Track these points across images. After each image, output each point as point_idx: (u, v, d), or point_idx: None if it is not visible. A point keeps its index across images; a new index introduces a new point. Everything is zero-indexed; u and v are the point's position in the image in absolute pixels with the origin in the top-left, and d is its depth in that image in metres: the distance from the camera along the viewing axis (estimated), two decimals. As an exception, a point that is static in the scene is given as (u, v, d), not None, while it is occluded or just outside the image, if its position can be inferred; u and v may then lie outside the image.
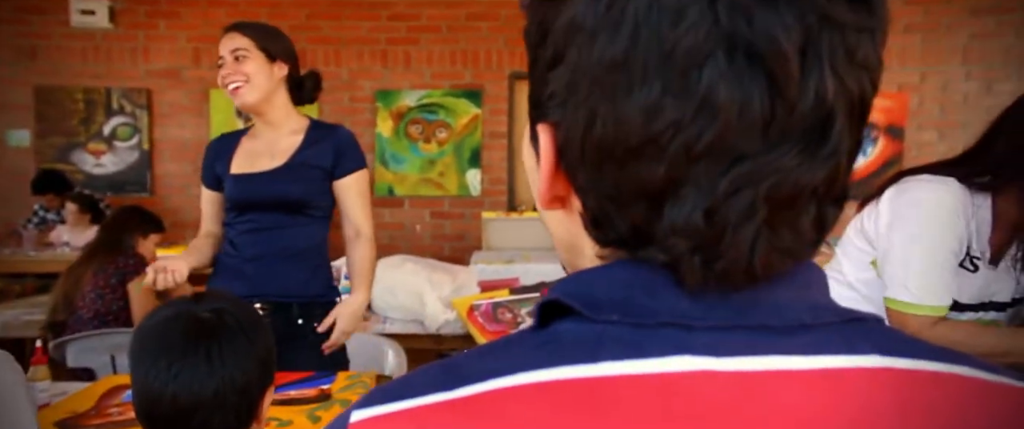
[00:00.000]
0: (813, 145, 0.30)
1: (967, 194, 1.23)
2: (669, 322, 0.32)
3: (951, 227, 1.23)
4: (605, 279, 0.34)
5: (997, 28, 4.88)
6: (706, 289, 0.32)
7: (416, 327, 2.37)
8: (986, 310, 1.31)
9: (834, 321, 0.34)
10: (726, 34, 0.29)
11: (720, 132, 0.29)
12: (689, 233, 0.31)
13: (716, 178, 0.30)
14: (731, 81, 0.29)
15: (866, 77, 0.31)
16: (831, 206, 0.33)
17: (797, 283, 0.34)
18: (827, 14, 0.29)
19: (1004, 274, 1.28)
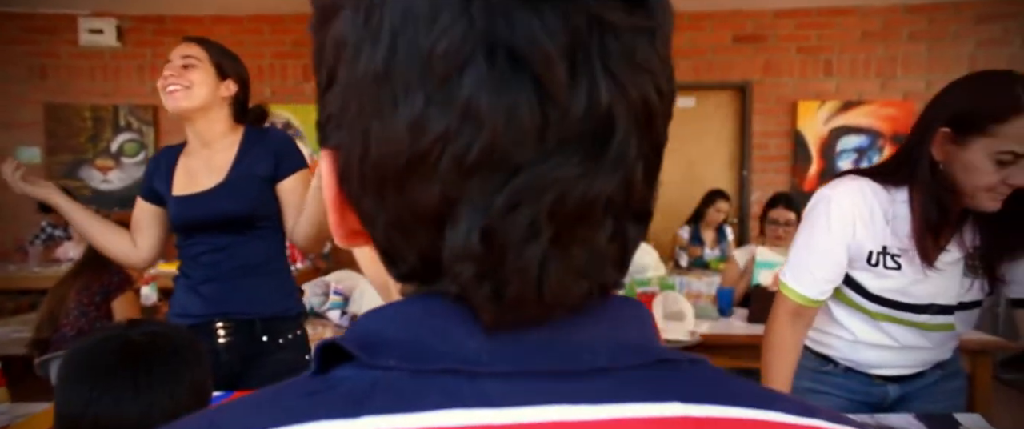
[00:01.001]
0: (595, 153, 0.28)
1: (882, 195, 1.24)
2: (451, 368, 0.29)
3: (840, 227, 1.25)
4: (397, 317, 0.32)
5: (1003, 35, 4.81)
6: (501, 325, 0.30)
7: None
8: (931, 313, 1.29)
9: (640, 364, 0.31)
10: (484, 37, 0.27)
11: (489, 142, 0.27)
12: (470, 257, 0.28)
13: (492, 194, 0.28)
14: (494, 87, 0.27)
15: (648, 81, 0.29)
16: (632, 223, 0.31)
17: (605, 320, 0.32)
18: (597, 15, 0.28)
19: (950, 276, 1.26)
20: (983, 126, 1.10)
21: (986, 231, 1.22)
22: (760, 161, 5.11)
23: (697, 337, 2.42)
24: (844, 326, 1.38)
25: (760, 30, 5.02)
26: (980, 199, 1.15)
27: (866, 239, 1.26)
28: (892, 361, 1.37)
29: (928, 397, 1.39)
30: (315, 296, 2.55)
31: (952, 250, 1.25)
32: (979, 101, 1.11)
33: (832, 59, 5.00)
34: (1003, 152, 1.09)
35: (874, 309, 1.32)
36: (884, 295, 1.30)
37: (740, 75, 5.05)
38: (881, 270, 1.27)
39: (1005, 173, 1.10)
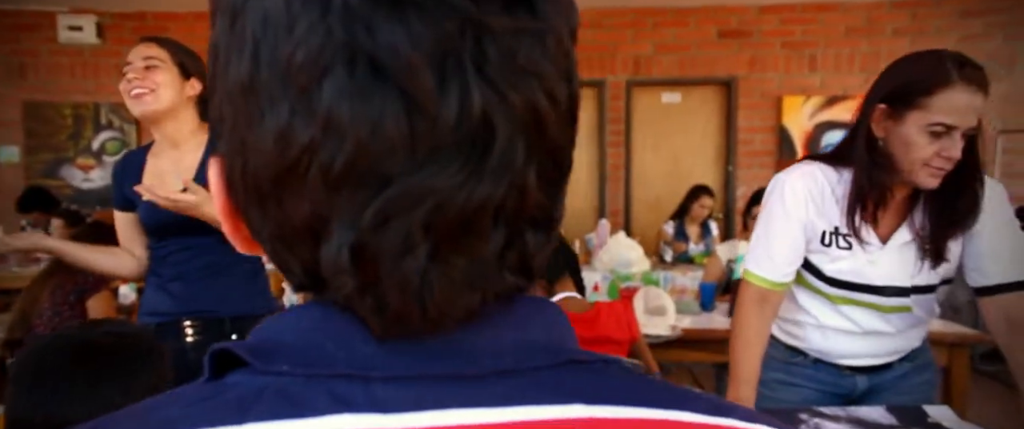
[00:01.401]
0: (475, 160, 0.27)
1: (833, 176, 1.28)
2: (345, 373, 0.29)
3: (789, 213, 1.30)
4: (296, 322, 0.31)
5: (985, 30, 4.84)
6: (392, 335, 0.29)
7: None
8: (886, 294, 1.30)
9: (546, 366, 0.31)
10: (343, 46, 0.26)
11: (353, 154, 0.26)
12: (344, 273, 0.28)
13: (361, 208, 0.27)
14: (356, 97, 0.26)
15: (535, 84, 0.28)
16: (532, 230, 0.30)
17: (512, 322, 0.31)
18: (472, 19, 0.27)
19: (903, 258, 1.28)
20: (915, 99, 1.14)
21: (933, 212, 1.25)
22: (745, 156, 5.12)
23: (678, 331, 2.42)
24: (808, 312, 1.39)
25: (745, 25, 5.03)
26: (919, 175, 1.18)
27: (818, 220, 1.30)
28: (859, 349, 1.37)
29: (897, 389, 1.40)
30: (295, 293, 2.54)
31: (903, 232, 1.28)
32: (911, 76, 1.16)
33: (817, 54, 5.02)
34: (934, 124, 1.13)
35: (832, 292, 1.34)
36: (840, 277, 1.32)
37: (725, 70, 5.06)
38: (834, 251, 1.30)
39: (939, 145, 1.14)
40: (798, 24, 5.01)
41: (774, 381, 1.44)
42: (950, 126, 1.12)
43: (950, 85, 1.12)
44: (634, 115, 5.16)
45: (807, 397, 1.40)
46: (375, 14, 0.26)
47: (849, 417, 1.23)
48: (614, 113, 5.12)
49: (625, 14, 5.01)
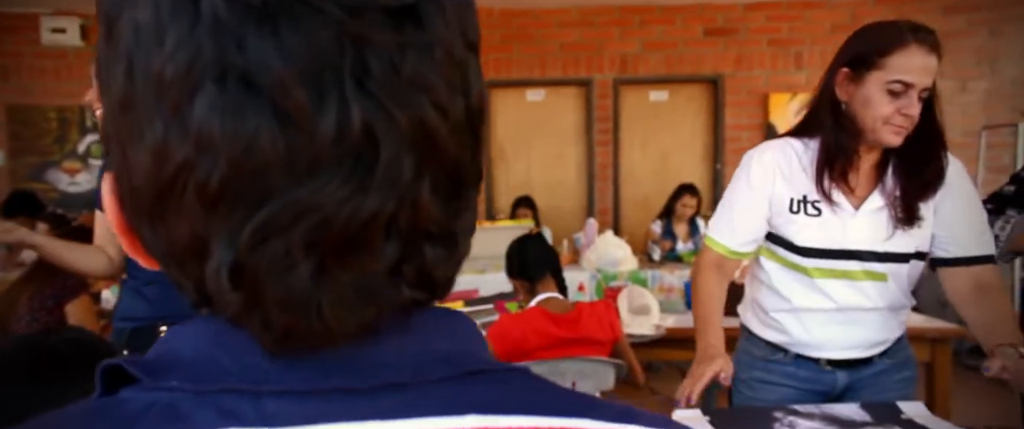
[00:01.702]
0: (359, 176, 0.27)
1: (799, 147, 1.35)
2: (235, 388, 0.29)
3: (753, 185, 1.36)
4: (194, 335, 0.31)
5: (968, 27, 4.87)
6: (284, 351, 0.29)
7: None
8: (861, 259, 1.33)
9: (445, 377, 0.31)
10: (213, 62, 0.25)
11: (228, 172, 0.26)
12: (225, 293, 0.27)
13: (239, 227, 0.26)
14: (228, 114, 0.26)
15: (424, 98, 0.28)
16: (432, 245, 0.30)
17: (414, 334, 0.31)
18: (351, 33, 0.26)
19: (876, 223, 1.32)
20: (874, 60, 1.23)
21: (903, 176, 1.31)
22: (733, 154, 5.13)
23: (662, 331, 2.42)
24: (783, 296, 1.40)
25: (731, 23, 5.04)
26: (882, 133, 1.24)
27: (785, 190, 1.35)
28: (838, 337, 1.37)
29: (877, 387, 1.40)
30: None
31: (875, 198, 1.32)
32: (870, 40, 1.26)
33: (802, 52, 5.04)
34: (893, 82, 1.21)
35: (808, 264, 1.36)
36: (813, 245, 1.34)
37: (712, 68, 5.07)
38: (801, 218, 1.34)
39: (898, 103, 1.22)
40: (784, 21, 5.03)
41: (754, 380, 1.44)
42: (907, 84, 1.21)
43: (905, 45, 1.21)
44: (622, 113, 5.17)
45: (786, 396, 1.41)
46: (245, 28, 0.26)
47: (823, 415, 1.24)
48: (601, 112, 5.13)
49: (611, 12, 5.02)
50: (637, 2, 4.98)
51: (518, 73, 5.10)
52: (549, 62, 5.09)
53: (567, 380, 1.91)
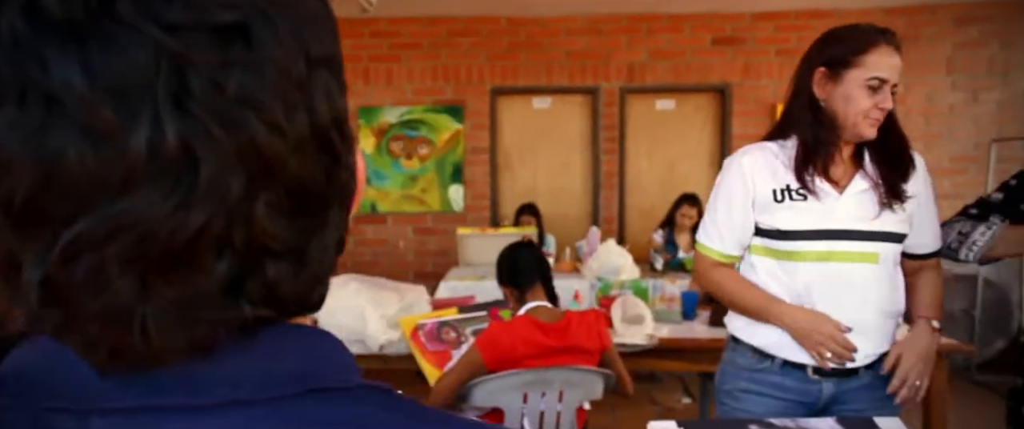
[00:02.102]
0: (182, 192, 0.27)
1: (776, 148, 1.42)
2: (61, 407, 0.28)
3: (732, 190, 1.42)
4: (32, 353, 0.31)
5: (980, 37, 4.82)
6: (115, 369, 0.29)
7: (360, 347, 2.36)
8: (852, 239, 1.37)
9: (290, 394, 0.30)
10: (12, 81, 0.25)
11: (32, 190, 0.26)
12: (40, 311, 0.27)
13: (50, 244, 0.26)
14: (29, 132, 0.25)
15: (251, 116, 0.28)
16: (275, 262, 0.30)
17: (257, 352, 0.31)
18: (169, 52, 0.26)
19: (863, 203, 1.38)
20: (851, 60, 1.33)
21: (882, 162, 1.40)
22: (740, 163, 5.11)
23: (655, 341, 2.42)
24: (773, 290, 1.41)
25: (739, 33, 5.03)
26: (861, 126, 1.34)
27: (767, 184, 1.40)
28: None
29: (862, 400, 1.40)
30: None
31: (858, 181, 1.39)
32: (846, 42, 1.36)
33: (811, 61, 5.01)
34: (871, 78, 1.32)
35: (800, 247, 1.37)
36: (802, 227, 1.37)
37: (719, 77, 5.06)
38: (788, 202, 1.38)
39: (875, 98, 1.33)
40: (792, 31, 5.00)
41: (739, 390, 1.44)
42: (883, 80, 1.33)
43: (878, 46, 1.33)
44: (628, 122, 5.17)
45: (771, 408, 1.40)
46: (47, 47, 0.25)
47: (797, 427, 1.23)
48: (608, 120, 5.13)
49: (619, 21, 5.02)
50: (644, 11, 4.99)
51: (524, 81, 5.11)
52: (556, 70, 5.10)
53: (555, 389, 1.91)
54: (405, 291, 2.49)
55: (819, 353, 1.32)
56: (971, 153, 4.86)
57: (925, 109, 4.97)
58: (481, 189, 5.19)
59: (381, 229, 5.24)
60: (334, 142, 0.32)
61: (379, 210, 5.20)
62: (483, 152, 5.16)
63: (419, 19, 5.06)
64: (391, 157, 5.15)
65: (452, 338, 2.34)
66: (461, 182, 5.16)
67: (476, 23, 5.07)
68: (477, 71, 5.12)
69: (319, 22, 0.31)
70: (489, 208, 5.19)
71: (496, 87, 5.13)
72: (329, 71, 0.32)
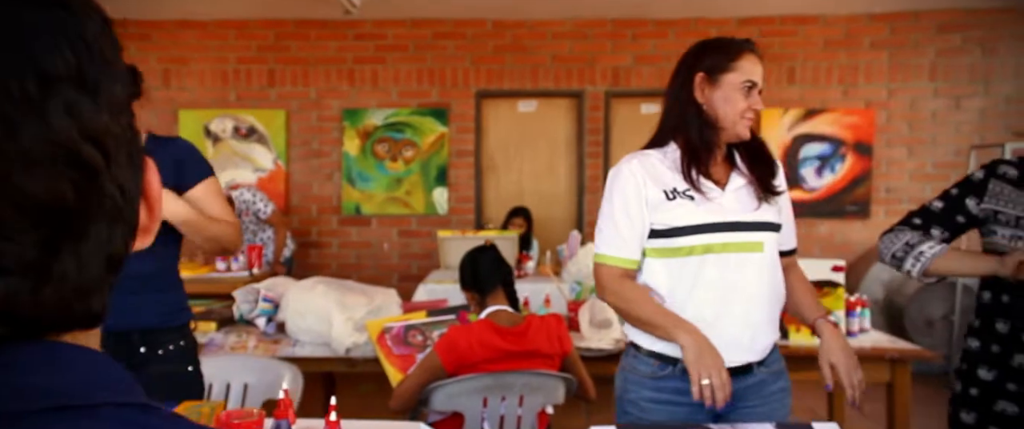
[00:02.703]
0: None
1: (658, 155, 1.49)
2: None
3: (626, 193, 1.45)
4: None
5: (963, 44, 4.84)
6: None
7: (325, 350, 2.36)
8: (739, 230, 1.44)
9: (33, 410, 0.30)
10: None
11: None
12: None
13: None
14: None
15: None
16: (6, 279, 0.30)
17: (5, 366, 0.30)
18: None
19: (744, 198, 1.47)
20: (727, 65, 1.44)
21: (751, 161, 1.50)
22: (724, 168, 5.12)
23: (622, 346, 2.42)
24: (671, 290, 1.44)
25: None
26: (739, 126, 1.45)
27: (655, 188, 1.45)
28: (720, 336, 1.39)
29: (758, 397, 1.46)
30: (246, 303, 2.55)
31: (736, 178, 1.49)
32: (721, 50, 1.47)
33: (795, 67, 5.03)
34: (745, 81, 1.43)
35: (693, 241, 1.43)
36: (694, 222, 1.43)
37: (704, 82, 5.07)
38: (680, 201, 1.45)
39: (750, 99, 1.44)
40: (776, 37, 5.02)
41: (643, 400, 1.45)
42: (754, 82, 1.44)
43: (747, 53, 1.45)
44: (613, 126, 5.18)
45: (675, 414, 1.42)
46: None
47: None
48: (593, 124, 5.14)
49: (604, 25, 5.04)
50: (630, 16, 5.00)
51: (510, 84, 5.12)
52: (541, 73, 5.11)
53: (515, 393, 1.92)
54: (374, 294, 2.49)
55: (699, 378, 1.32)
56: (953, 159, 4.88)
57: (908, 115, 4.98)
58: (465, 192, 5.20)
59: (365, 231, 5.24)
60: (88, 158, 0.31)
61: (363, 212, 5.20)
62: (468, 155, 5.17)
63: (404, 21, 5.07)
64: (376, 159, 5.15)
65: (419, 342, 2.35)
66: (446, 185, 5.16)
67: (462, 26, 5.08)
68: (462, 74, 5.13)
69: (46, 35, 0.31)
70: (473, 211, 5.20)
71: (481, 90, 5.14)
72: (76, 88, 0.31)
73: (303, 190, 5.23)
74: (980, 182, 1.53)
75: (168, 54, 5.08)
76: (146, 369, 1.55)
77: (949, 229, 1.60)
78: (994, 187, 1.51)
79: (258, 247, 4.31)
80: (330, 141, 5.18)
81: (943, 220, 1.60)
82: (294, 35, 5.10)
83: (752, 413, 1.44)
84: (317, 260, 5.24)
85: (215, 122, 5.12)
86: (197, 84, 5.13)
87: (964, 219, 1.57)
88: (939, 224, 1.60)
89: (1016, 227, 1.45)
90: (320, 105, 5.17)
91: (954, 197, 1.58)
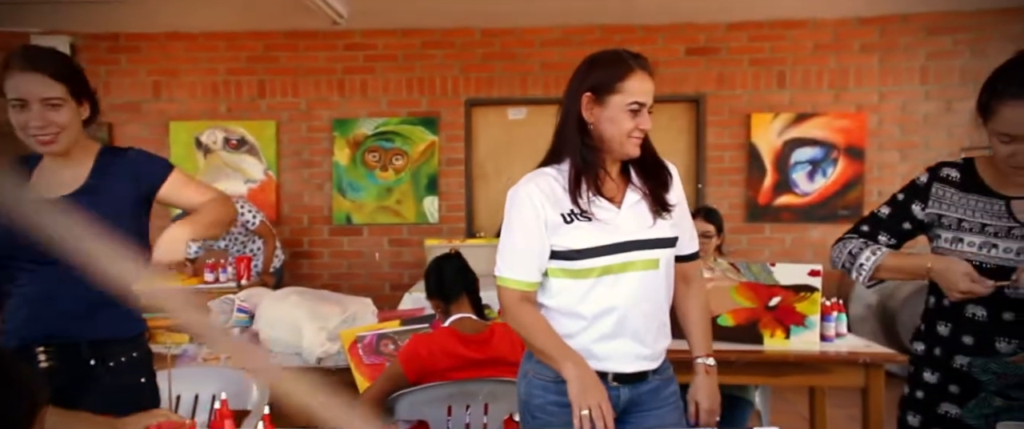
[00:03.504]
0: None
1: (554, 173, 1.46)
2: None
3: (524, 217, 1.44)
4: None
5: (953, 47, 4.81)
6: None
7: (297, 360, 2.35)
8: (635, 249, 1.43)
9: None
10: None
11: None
12: None
13: None
14: None
15: None
16: None
17: None
18: None
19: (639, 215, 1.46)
20: (614, 86, 1.41)
21: (644, 177, 1.49)
22: (715, 173, 5.10)
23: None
24: (571, 307, 1.45)
25: (713, 43, 5.03)
26: (626, 145, 1.42)
27: (553, 211, 1.43)
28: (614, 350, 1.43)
29: (653, 402, 1.50)
30: (221, 313, 2.55)
31: (631, 194, 1.48)
32: (608, 69, 1.42)
33: (785, 71, 5.01)
34: (631, 103, 1.40)
35: (591, 264, 1.42)
36: (591, 244, 1.42)
37: (693, 87, 5.06)
38: (578, 223, 1.43)
39: (637, 120, 1.41)
40: (766, 41, 5.00)
41: (548, 404, 1.46)
42: (641, 103, 1.41)
43: (634, 73, 1.41)
44: (603, 132, 5.16)
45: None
46: None
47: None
48: (582, 130, 5.12)
49: (593, 31, 5.03)
50: (618, 21, 5.00)
51: (499, 91, 5.12)
52: (530, 81, 5.11)
53: (479, 401, 1.90)
54: (348, 303, 2.48)
55: (580, 410, 1.33)
56: (946, 162, 4.83)
57: (900, 118, 4.95)
58: (456, 200, 5.19)
59: (357, 241, 5.24)
60: None
61: (354, 222, 5.20)
62: (458, 163, 5.17)
63: (393, 31, 5.09)
64: (366, 169, 5.16)
65: (390, 351, 2.33)
66: (436, 193, 5.16)
67: (450, 35, 5.09)
68: (452, 82, 5.14)
69: None
70: (464, 219, 5.19)
71: (471, 98, 5.14)
72: None
73: (294, 200, 5.24)
74: (924, 186, 1.52)
75: (158, 66, 5.10)
76: (97, 382, 1.53)
77: (895, 235, 1.58)
78: (937, 191, 1.49)
79: (247, 258, 4.32)
80: (320, 151, 5.19)
81: (889, 226, 1.58)
82: (283, 46, 5.12)
83: (648, 417, 1.49)
84: (309, 270, 5.24)
85: (205, 134, 5.14)
86: (187, 96, 5.15)
87: (910, 225, 1.55)
88: (886, 230, 1.58)
89: (957, 230, 1.43)
90: (310, 115, 5.18)
91: (900, 202, 1.56)
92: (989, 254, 1.38)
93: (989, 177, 1.45)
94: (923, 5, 4.72)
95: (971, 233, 1.40)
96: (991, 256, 1.38)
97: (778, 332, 2.37)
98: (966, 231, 1.41)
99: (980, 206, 1.42)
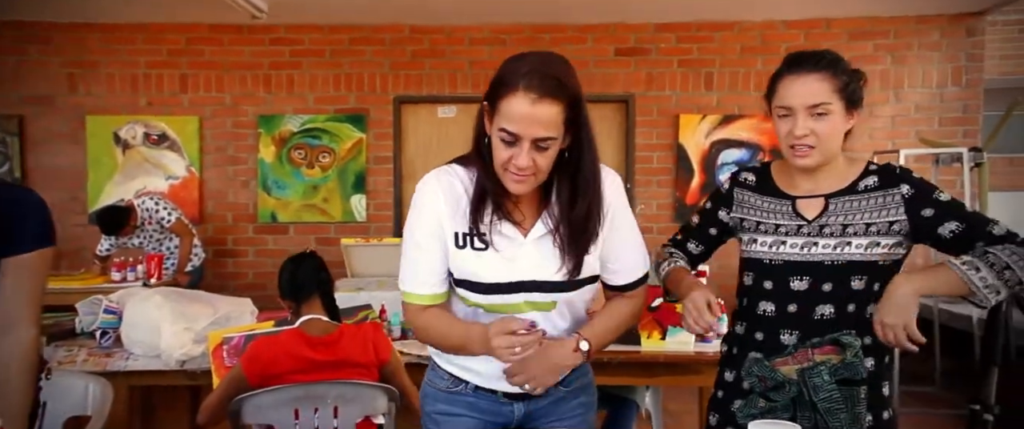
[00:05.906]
0: None
1: (465, 177, 1.23)
2: None
3: (423, 226, 1.23)
4: None
5: (874, 52, 4.89)
6: None
7: (157, 362, 2.27)
8: (528, 290, 1.23)
9: None
10: None
11: None
12: None
13: None
14: None
15: None
16: None
17: None
18: None
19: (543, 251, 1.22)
20: (495, 102, 1.11)
21: (567, 203, 1.21)
22: (644, 173, 5.11)
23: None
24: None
25: (642, 44, 5.03)
26: (505, 178, 1.15)
27: (450, 223, 1.22)
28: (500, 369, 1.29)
29: (555, 414, 1.39)
30: (88, 314, 2.45)
31: (540, 226, 1.23)
32: (500, 78, 1.12)
33: (713, 73, 5.03)
34: (501, 130, 1.10)
35: (483, 301, 1.25)
36: (477, 279, 1.23)
37: (622, 88, 5.06)
38: (469, 252, 1.22)
39: (510, 152, 1.11)
40: (694, 42, 5.02)
41: (438, 413, 1.40)
42: (512, 134, 1.09)
43: (514, 92, 1.08)
44: (533, 132, 5.13)
45: (471, 426, 1.38)
46: None
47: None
48: (512, 130, 5.09)
49: (522, 30, 5.00)
50: (548, 21, 4.97)
51: (429, 89, 5.07)
52: (460, 79, 5.06)
53: (328, 404, 1.84)
54: (221, 304, 2.41)
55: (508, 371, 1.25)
56: (867, 165, 4.91)
57: (824, 121, 5.01)
58: (384, 199, 5.12)
59: (283, 239, 5.14)
60: None
61: (280, 220, 5.10)
62: (386, 161, 5.10)
63: (320, 26, 5.00)
64: (292, 166, 5.06)
65: (257, 352, 2.26)
66: (364, 192, 5.08)
67: (379, 31, 5.02)
68: (380, 79, 5.07)
69: None
70: (392, 218, 5.12)
71: (400, 96, 5.08)
72: None
73: (218, 198, 5.12)
74: (727, 193, 1.51)
75: (72, 58, 4.94)
76: None
77: (702, 242, 1.57)
78: (738, 195, 1.48)
79: (158, 256, 4.20)
80: (245, 148, 5.07)
81: (697, 234, 1.57)
82: (207, 40, 5.00)
83: (552, 427, 1.39)
84: (233, 269, 5.13)
85: (125, 128, 4.99)
86: (105, 90, 4.99)
87: (717, 230, 1.54)
88: (694, 238, 1.58)
89: (755, 231, 1.43)
90: (235, 111, 5.06)
91: (708, 211, 1.55)
92: (777, 251, 1.38)
93: (780, 179, 1.45)
94: (844, 10, 4.78)
95: (766, 234, 1.40)
96: (779, 253, 1.38)
97: (655, 333, 2.35)
98: (761, 232, 1.41)
99: (772, 207, 1.42)
